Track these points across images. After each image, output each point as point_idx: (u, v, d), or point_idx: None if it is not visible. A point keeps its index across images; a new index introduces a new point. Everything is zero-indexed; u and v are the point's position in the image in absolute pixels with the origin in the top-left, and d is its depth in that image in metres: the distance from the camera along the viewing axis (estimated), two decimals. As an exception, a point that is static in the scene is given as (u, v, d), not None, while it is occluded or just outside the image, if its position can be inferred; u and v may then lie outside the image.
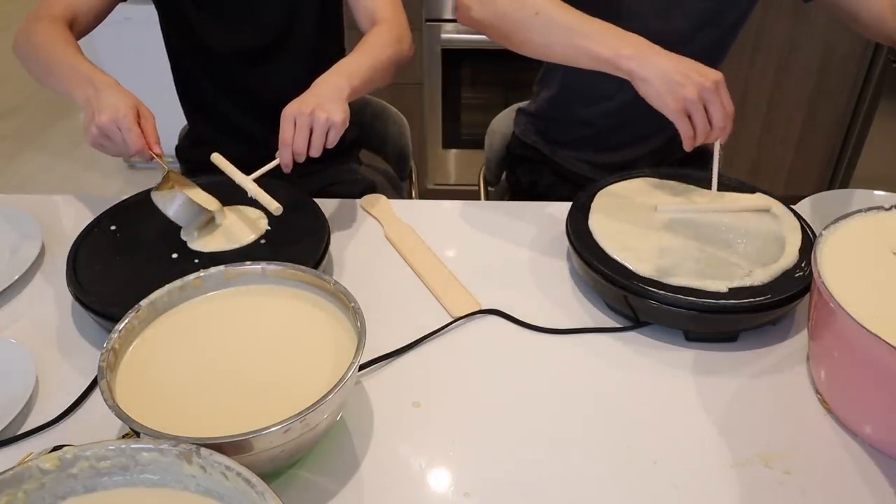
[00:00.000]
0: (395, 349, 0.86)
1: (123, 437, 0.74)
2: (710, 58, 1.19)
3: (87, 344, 0.88)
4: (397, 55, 1.09)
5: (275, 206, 0.94)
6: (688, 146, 0.91)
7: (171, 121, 1.51)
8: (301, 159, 0.95)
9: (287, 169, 0.95)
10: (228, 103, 1.30)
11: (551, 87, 1.26)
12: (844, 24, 1.11)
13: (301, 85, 1.28)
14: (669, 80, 0.88)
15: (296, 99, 0.95)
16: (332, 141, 0.94)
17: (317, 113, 0.92)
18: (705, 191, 1.02)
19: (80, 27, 1.12)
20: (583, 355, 0.86)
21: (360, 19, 1.17)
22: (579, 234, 0.95)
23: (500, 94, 2.31)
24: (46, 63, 1.01)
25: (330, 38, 1.29)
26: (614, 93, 1.15)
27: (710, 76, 0.88)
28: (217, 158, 1.03)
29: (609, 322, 0.91)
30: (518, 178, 1.39)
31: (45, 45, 1.02)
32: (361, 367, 0.82)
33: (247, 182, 0.97)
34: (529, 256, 1.03)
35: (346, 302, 0.76)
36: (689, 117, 0.89)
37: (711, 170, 0.98)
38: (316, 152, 0.94)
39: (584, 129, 1.26)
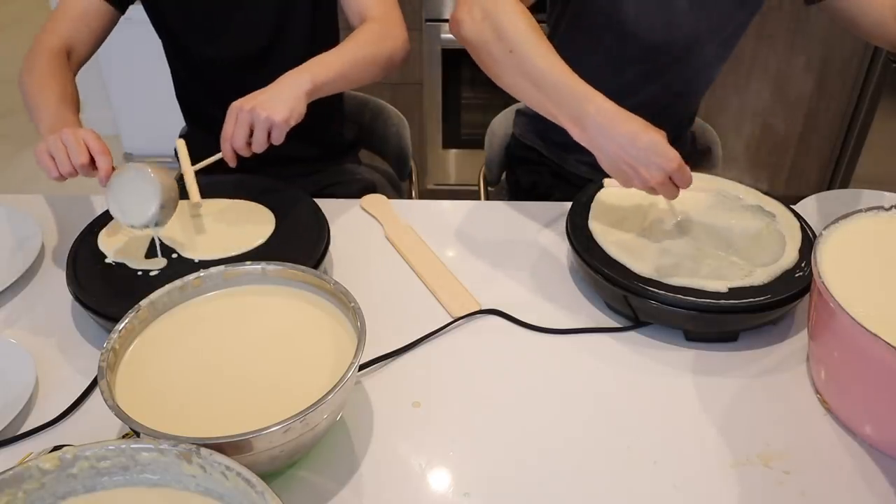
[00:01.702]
0: (395, 349, 0.86)
1: (123, 437, 0.74)
2: (712, 65, 1.20)
3: (87, 344, 0.88)
4: (382, 52, 1.08)
5: (196, 200, 0.97)
6: None
7: (171, 121, 1.51)
8: (244, 153, 0.96)
9: (231, 163, 0.97)
10: (222, 109, 1.30)
11: None
12: (846, 28, 1.11)
13: None
14: (617, 168, 0.87)
15: (247, 95, 0.96)
16: (277, 138, 0.95)
17: (257, 111, 0.93)
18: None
19: (78, 55, 1.13)
20: (583, 355, 0.86)
21: (351, 19, 1.17)
22: (579, 234, 0.95)
23: (500, 94, 2.28)
24: (31, 106, 1.02)
25: (323, 43, 1.28)
26: (614, 96, 1.16)
27: (659, 169, 0.84)
28: (180, 144, 1.06)
29: (609, 322, 0.91)
30: (518, 178, 1.39)
31: (33, 86, 1.03)
32: (361, 367, 0.82)
33: (188, 171, 1.00)
34: (529, 256, 1.03)
35: (346, 302, 0.76)
36: None
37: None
38: (258, 148, 0.95)
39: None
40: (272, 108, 0.93)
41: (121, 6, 1.16)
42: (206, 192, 1.06)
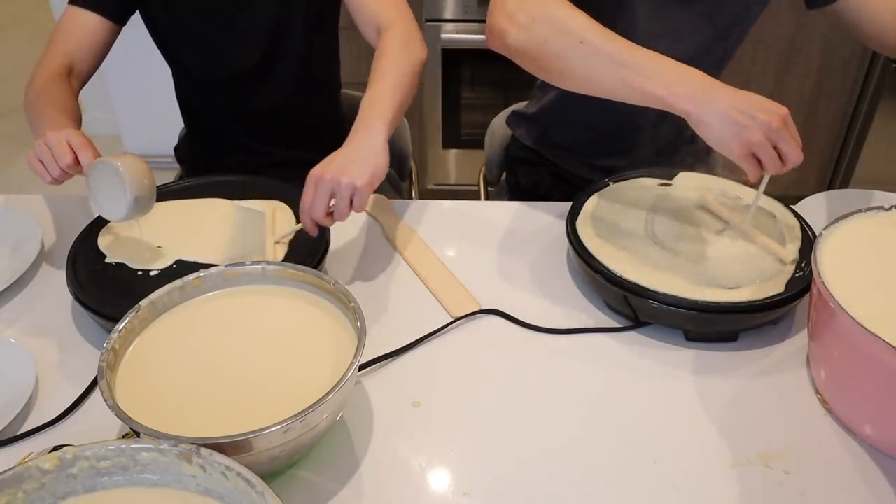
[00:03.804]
0: (395, 349, 0.86)
1: (123, 437, 0.74)
2: (716, 69, 1.20)
3: (87, 344, 0.88)
4: (414, 61, 1.05)
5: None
6: (754, 178, 0.85)
7: (171, 121, 1.51)
8: (325, 224, 0.90)
9: (313, 233, 0.91)
10: (220, 118, 1.31)
11: (553, 89, 1.26)
12: (848, 32, 1.11)
13: (291, 97, 1.27)
14: (732, 122, 0.81)
15: (324, 159, 0.89)
16: (358, 205, 0.88)
17: (338, 178, 0.86)
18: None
19: (80, 71, 1.13)
20: (583, 355, 0.86)
21: (364, 29, 1.13)
22: (579, 234, 0.95)
23: (500, 94, 2.31)
24: (33, 124, 1.02)
25: (319, 51, 1.28)
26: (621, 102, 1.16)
27: (775, 113, 0.80)
28: (265, 214, 1.00)
29: (609, 322, 0.91)
30: (518, 179, 1.39)
31: (33, 106, 1.03)
32: (361, 367, 0.82)
33: (269, 243, 0.95)
34: (529, 256, 1.03)
35: (346, 302, 0.76)
36: (757, 157, 0.82)
37: (756, 195, 0.93)
38: (340, 218, 0.89)
39: (585, 133, 1.26)
40: (353, 173, 0.86)
41: (120, 20, 1.16)
42: (207, 194, 1.07)
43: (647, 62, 0.86)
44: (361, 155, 0.89)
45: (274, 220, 1.00)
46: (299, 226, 0.92)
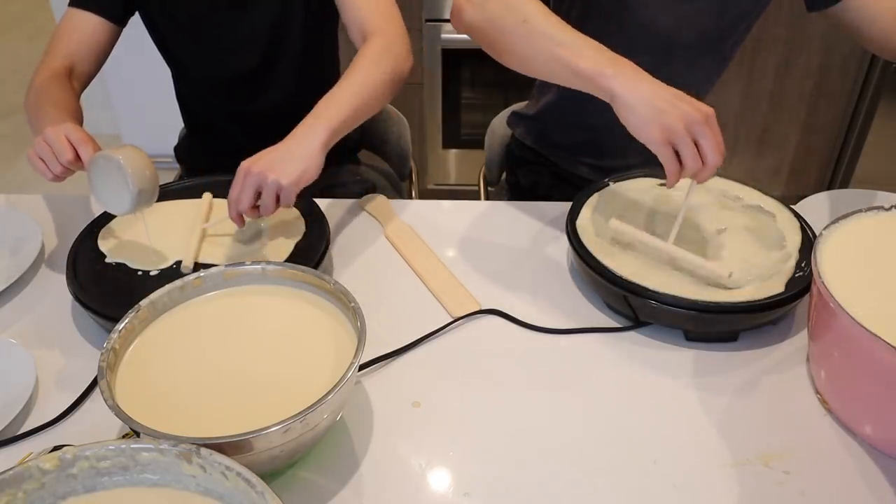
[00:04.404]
0: (395, 349, 0.86)
1: (123, 437, 0.74)
2: (715, 70, 1.20)
3: (87, 344, 0.88)
4: (392, 71, 1.02)
5: (187, 264, 0.92)
6: (671, 182, 0.83)
7: (171, 121, 1.51)
8: (250, 217, 0.91)
9: (239, 226, 0.92)
10: (220, 118, 1.31)
11: (552, 90, 1.26)
12: (848, 35, 1.11)
13: (291, 98, 1.28)
14: (654, 106, 0.80)
15: (260, 152, 0.90)
16: (286, 202, 0.89)
17: (265, 173, 0.87)
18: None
19: (81, 72, 1.12)
20: (583, 355, 0.86)
21: (351, 34, 1.11)
22: (579, 233, 0.95)
23: (500, 94, 2.31)
24: (33, 125, 1.01)
25: (319, 52, 1.28)
26: None
27: (700, 108, 0.81)
28: (205, 198, 1.05)
29: (609, 322, 0.91)
30: (518, 179, 1.39)
31: (33, 107, 1.03)
32: (361, 367, 0.82)
33: (198, 230, 0.97)
34: (529, 256, 1.03)
35: (346, 302, 0.76)
36: (676, 152, 0.81)
37: (683, 207, 0.89)
38: (266, 213, 0.90)
39: (584, 134, 1.26)
40: (281, 170, 0.87)
41: (120, 21, 1.15)
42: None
43: (581, 43, 0.88)
44: (294, 154, 0.90)
45: (210, 208, 1.03)
46: (227, 215, 0.92)
